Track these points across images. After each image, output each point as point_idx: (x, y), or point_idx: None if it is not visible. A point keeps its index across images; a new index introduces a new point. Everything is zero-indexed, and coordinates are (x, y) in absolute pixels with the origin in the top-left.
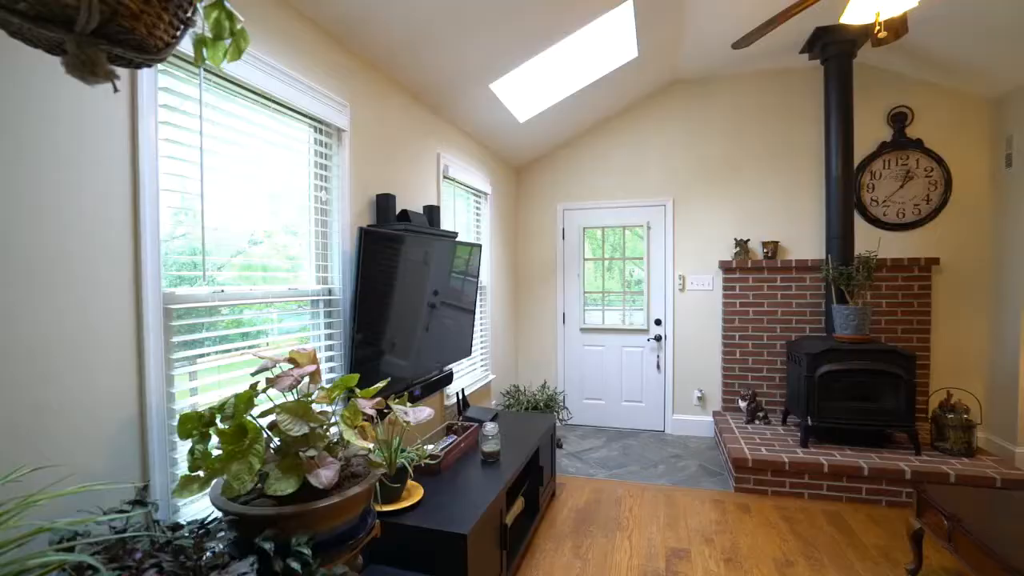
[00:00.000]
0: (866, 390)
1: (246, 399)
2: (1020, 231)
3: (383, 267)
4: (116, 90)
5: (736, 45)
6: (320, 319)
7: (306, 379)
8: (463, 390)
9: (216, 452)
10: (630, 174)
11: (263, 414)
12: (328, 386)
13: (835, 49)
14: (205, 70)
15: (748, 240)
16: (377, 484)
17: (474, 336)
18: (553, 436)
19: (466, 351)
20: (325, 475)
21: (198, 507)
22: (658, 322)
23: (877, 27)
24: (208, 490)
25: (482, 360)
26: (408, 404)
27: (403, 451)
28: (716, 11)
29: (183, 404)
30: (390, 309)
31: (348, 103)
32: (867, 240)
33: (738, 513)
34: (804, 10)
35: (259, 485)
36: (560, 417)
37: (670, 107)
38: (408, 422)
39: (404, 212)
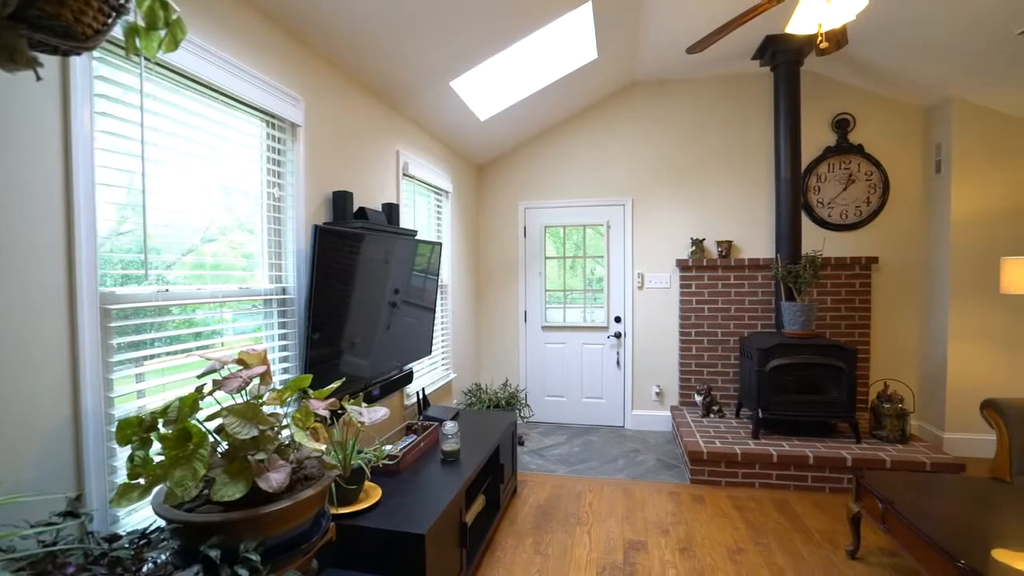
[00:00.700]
0: (812, 383)
1: (191, 402)
2: (948, 232)
3: (339, 265)
4: (39, 78)
5: (691, 50)
6: (274, 319)
7: (256, 380)
8: (423, 389)
9: (159, 458)
10: (591, 173)
11: (210, 417)
12: (280, 387)
13: (783, 57)
14: (146, 59)
15: (704, 239)
16: (333, 486)
17: (435, 335)
18: (514, 434)
19: (426, 350)
20: (275, 478)
21: (140, 516)
22: (618, 319)
23: (819, 38)
24: (150, 498)
25: (443, 359)
26: (364, 404)
27: (360, 452)
28: (672, 16)
29: (128, 407)
30: (346, 308)
31: (302, 97)
32: (813, 240)
33: (693, 504)
34: (753, 18)
35: (205, 491)
36: (522, 415)
37: (630, 109)
38: (363, 423)
39: (362, 210)
